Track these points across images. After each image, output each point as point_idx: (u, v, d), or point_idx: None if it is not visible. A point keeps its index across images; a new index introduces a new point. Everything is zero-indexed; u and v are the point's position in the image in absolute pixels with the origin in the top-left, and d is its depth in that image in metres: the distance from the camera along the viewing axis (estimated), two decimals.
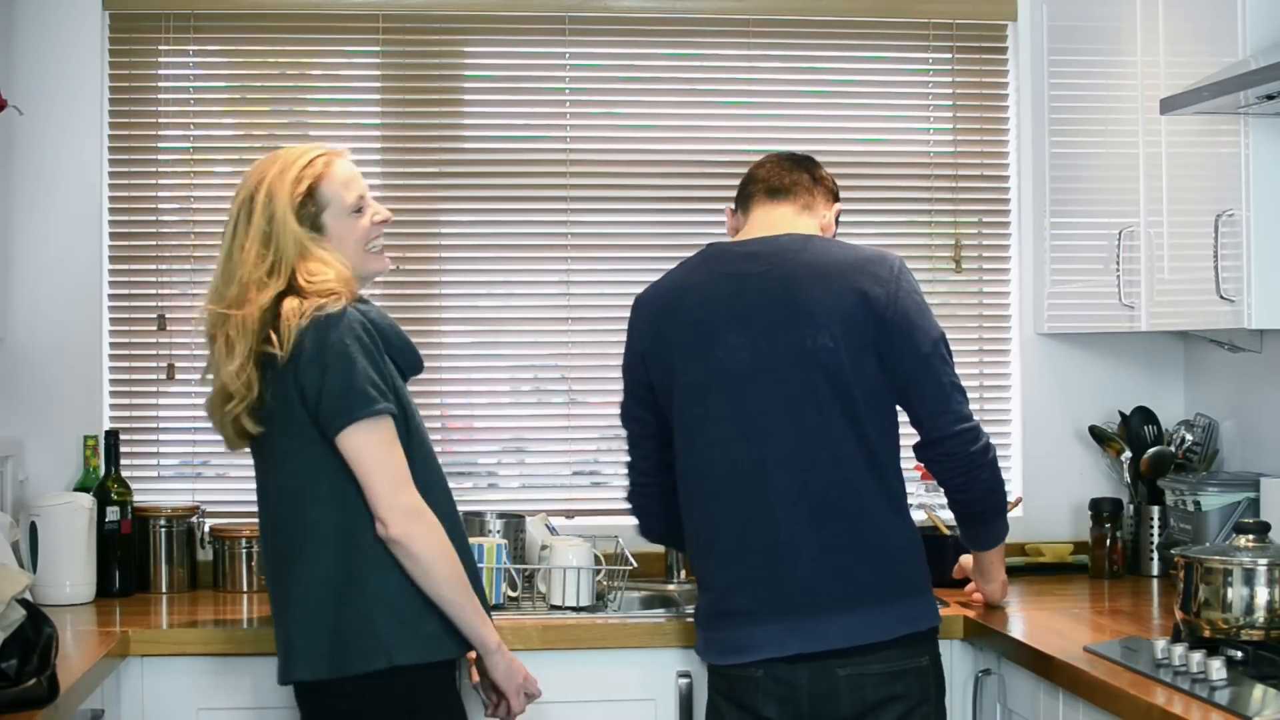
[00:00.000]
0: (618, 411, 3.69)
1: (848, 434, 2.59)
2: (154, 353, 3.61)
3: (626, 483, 2.94)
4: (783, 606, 2.57)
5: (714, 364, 2.64)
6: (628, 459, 2.92)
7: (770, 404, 2.60)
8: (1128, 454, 3.60)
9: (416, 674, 2.44)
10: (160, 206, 3.62)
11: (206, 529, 3.49)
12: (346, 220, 2.56)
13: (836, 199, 2.86)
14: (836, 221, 2.85)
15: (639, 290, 3.66)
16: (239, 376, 2.45)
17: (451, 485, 3.65)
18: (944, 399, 2.63)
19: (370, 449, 2.41)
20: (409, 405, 2.52)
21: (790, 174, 2.81)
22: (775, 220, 2.76)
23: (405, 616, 2.43)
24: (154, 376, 3.61)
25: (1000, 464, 3.70)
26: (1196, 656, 2.32)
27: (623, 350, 3.74)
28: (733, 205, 2.88)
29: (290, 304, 2.44)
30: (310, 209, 2.53)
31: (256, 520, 2.60)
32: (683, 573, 3.51)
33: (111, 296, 3.60)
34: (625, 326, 3.66)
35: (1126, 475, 3.59)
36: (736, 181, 3.67)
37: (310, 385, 2.41)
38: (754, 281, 2.65)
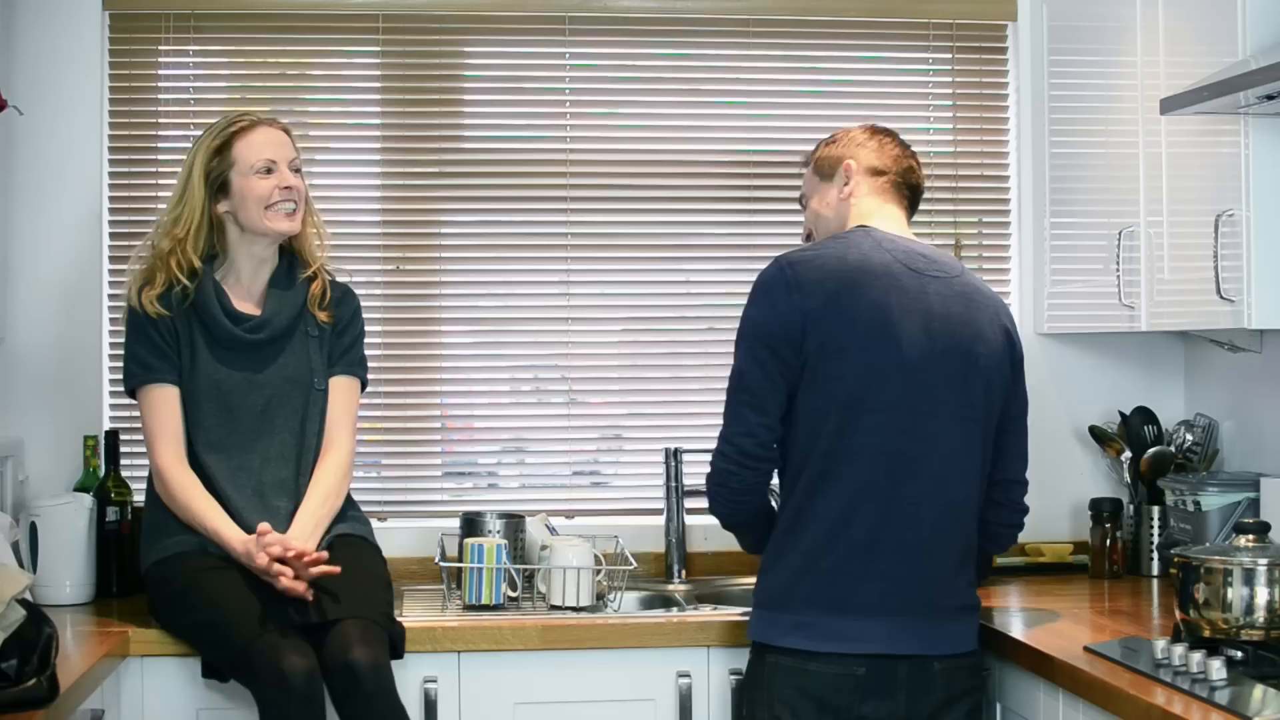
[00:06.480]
0: (619, 412, 3.71)
1: (980, 453, 2.67)
2: None
3: (717, 453, 2.68)
4: (908, 606, 2.60)
5: (893, 351, 2.59)
6: (734, 428, 2.64)
7: (937, 406, 2.61)
8: (1128, 454, 3.59)
9: (163, 568, 2.90)
10: (160, 206, 3.61)
11: None
12: (250, 179, 2.85)
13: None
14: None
15: (639, 290, 3.69)
16: None
17: (451, 485, 3.69)
18: (1026, 450, 2.80)
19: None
20: (200, 368, 2.92)
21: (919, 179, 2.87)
22: (901, 225, 2.79)
23: (152, 533, 2.95)
24: None
25: None
26: (1196, 656, 2.32)
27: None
28: (851, 161, 2.79)
29: None
30: (216, 166, 2.87)
31: None
32: (684, 572, 3.51)
33: (111, 296, 3.59)
34: (625, 327, 3.69)
35: (1126, 475, 3.59)
36: (737, 181, 3.73)
37: None
38: (933, 284, 2.66)
